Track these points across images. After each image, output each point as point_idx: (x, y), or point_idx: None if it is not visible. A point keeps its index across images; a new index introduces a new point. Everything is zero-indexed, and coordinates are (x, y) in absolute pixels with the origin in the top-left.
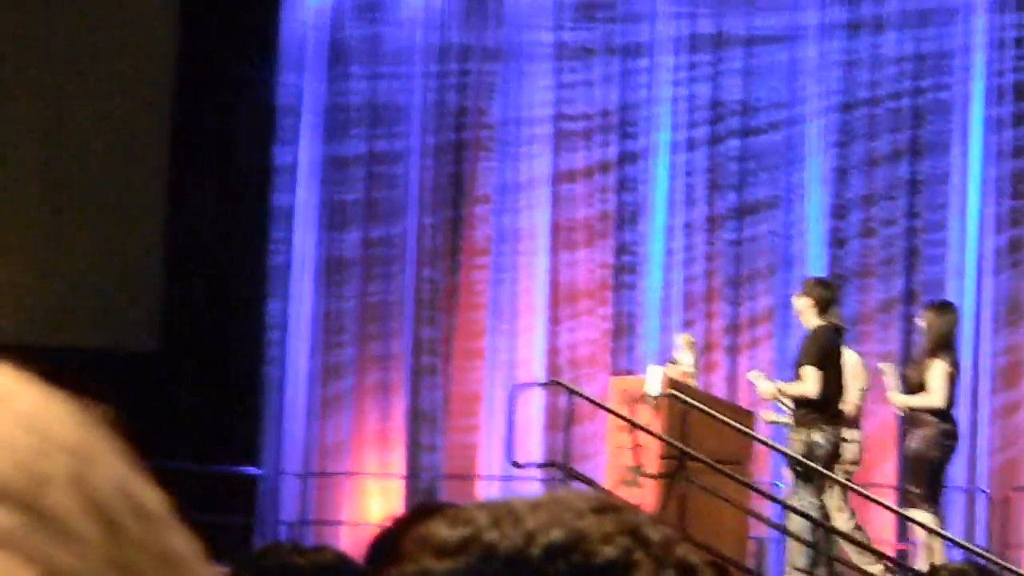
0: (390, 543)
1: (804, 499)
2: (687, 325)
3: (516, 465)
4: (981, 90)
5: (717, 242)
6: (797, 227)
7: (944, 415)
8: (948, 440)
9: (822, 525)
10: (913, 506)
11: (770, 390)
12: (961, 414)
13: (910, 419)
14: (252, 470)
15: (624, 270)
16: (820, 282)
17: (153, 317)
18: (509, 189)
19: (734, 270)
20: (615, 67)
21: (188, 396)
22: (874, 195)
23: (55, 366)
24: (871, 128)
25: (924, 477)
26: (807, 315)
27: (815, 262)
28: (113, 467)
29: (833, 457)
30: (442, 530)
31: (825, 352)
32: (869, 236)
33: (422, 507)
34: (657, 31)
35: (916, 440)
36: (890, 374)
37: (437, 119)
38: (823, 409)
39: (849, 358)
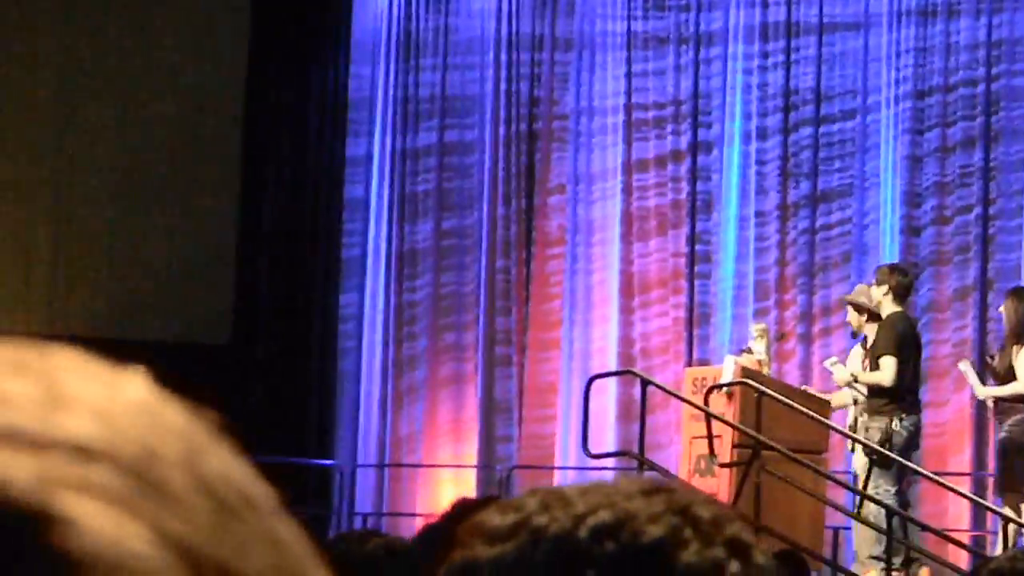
0: (436, 538)
1: (881, 487)
2: (761, 314)
3: (590, 455)
4: None
5: (791, 231)
6: (871, 215)
7: None
8: None
9: (898, 513)
10: (1011, 495)
11: (846, 378)
12: None
13: (1000, 409)
14: (327, 462)
15: (697, 259)
16: (896, 269)
17: (226, 310)
18: (582, 179)
19: (808, 259)
20: (687, 56)
21: (262, 388)
22: (948, 182)
23: (129, 359)
24: (945, 115)
25: (1019, 466)
26: (883, 302)
27: (889, 250)
28: (223, 456)
29: (912, 445)
30: (494, 517)
31: (903, 340)
32: (943, 224)
33: (465, 502)
34: (730, 19)
35: (1005, 429)
36: (970, 372)
37: (509, 109)
38: (902, 397)
39: None
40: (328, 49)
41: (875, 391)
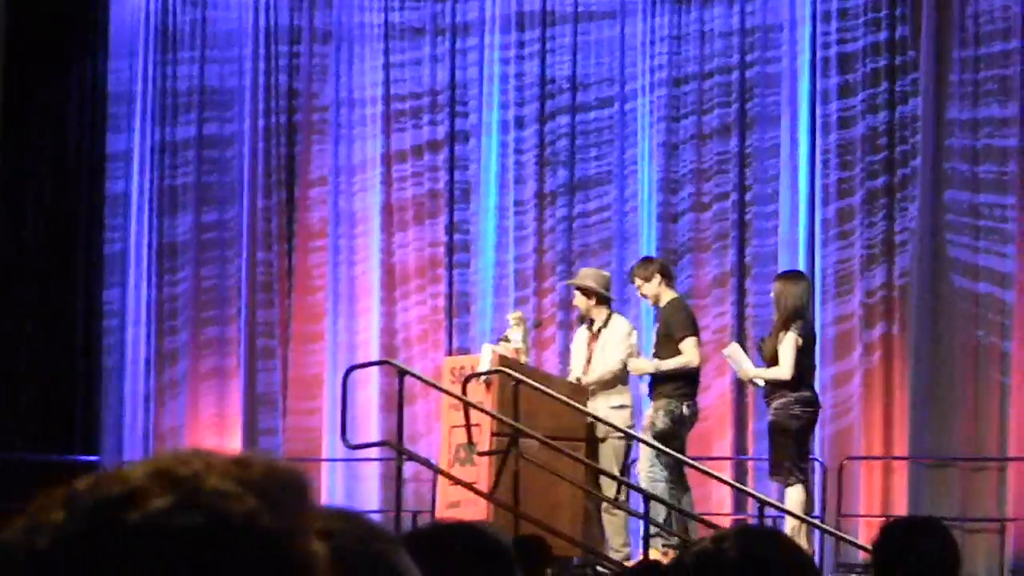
0: None
1: (656, 468)
2: (520, 303)
3: (349, 446)
4: (808, 62)
5: (549, 219)
6: (629, 203)
7: (796, 385)
8: (805, 407)
9: (656, 498)
10: (777, 478)
11: (647, 368)
12: None
13: (766, 392)
14: (92, 458)
15: (456, 248)
16: (648, 259)
17: None
18: (343, 170)
19: (566, 246)
20: (444, 46)
21: (26, 386)
22: (705, 169)
23: None
24: (701, 102)
25: (785, 448)
26: (662, 292)
27: (647, 237)
28: None
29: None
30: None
31: (694, 322)
32: (701, 210)
33: None
34: (485, 9)
35: (772, 412)
36: (736, 353)
37: (268, 102)
38: (695, 380)
39: (621, 326)
40: (86, 42)
41: (668, 375)
